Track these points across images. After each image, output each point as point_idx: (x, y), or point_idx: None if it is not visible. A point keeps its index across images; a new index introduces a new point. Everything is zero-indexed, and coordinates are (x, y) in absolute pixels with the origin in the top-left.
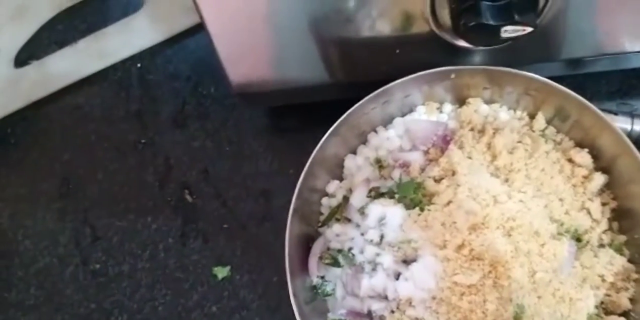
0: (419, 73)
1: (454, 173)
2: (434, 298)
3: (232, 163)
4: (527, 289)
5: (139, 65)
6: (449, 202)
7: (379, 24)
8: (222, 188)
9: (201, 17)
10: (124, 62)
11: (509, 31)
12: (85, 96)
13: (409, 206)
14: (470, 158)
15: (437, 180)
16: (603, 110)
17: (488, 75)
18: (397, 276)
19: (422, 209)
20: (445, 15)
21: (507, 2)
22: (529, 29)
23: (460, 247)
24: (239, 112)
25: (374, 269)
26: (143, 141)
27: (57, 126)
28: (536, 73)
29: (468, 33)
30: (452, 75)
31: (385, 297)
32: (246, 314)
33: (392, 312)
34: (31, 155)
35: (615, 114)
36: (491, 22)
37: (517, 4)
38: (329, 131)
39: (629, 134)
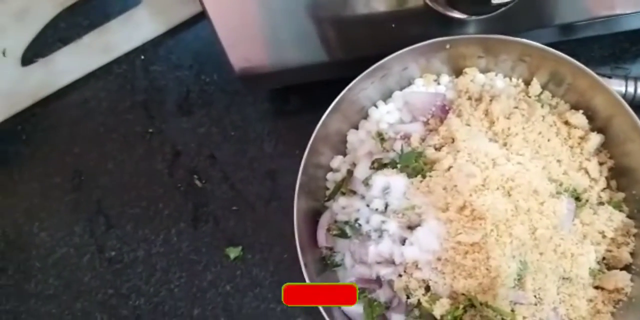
0: (414, 45)
1: (453, 140)
2: (439, 259)
3: (238, 147)
4: (529, 246)
5: (142, 57)
6: (449, 168)
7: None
8: (230, 171)
9: (202, 3)
10: (128, 55)
11: None
12: (91, 90)
13: (411, 175)
14: (468, 125)
15: (438, 148)
16: (597, 73)
17: (482, 44)
18: (403, 242)
19: (424, 176)
20: None
21: None
22: None
23: (462, 208)
24: (241, 97)
25: (380, 236)
26: (150, 130)
27: (65, 121)
28: (531, 39)
29: (460, 2)
30: (447, 46)
31: (393, 262)
32: (259, 291)
33: (400, 276)
34: (42, 150)
35: (610, 77)
36: None
37: None
38: (329, 108)
39: (623, 96)
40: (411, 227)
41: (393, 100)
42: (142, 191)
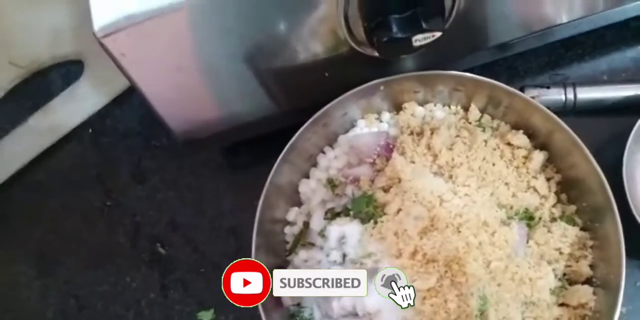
0: (349, 92)
1: (400, 180)
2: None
3: (196, 208)
4: (486, 280)
5: (90, 130)
6: (398, 210)
7: (305, 49)
8: (191, 234)
9: (129, 79)
10: (75, 130)
11: (419, 40)
12: (44, 171)
13: (364, 220)
14: (413, 162)
15: (386, 190)
16: (535, 86)
17: (416, 80)
18: None
19: (376, 222)
20: (362, 33)
21: (412, 12)
22: (438, 34)
23: (413, 253)
24: (192, 157)
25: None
26: (108, 203)
27: (22, 206)
28: (469, 62)
29: (382, 48)
30: (381, 88)
31: (356, 314)
32: None
33: None
34: (3, 238)
35: (548, 87)
36: (400, 35)
37: (422, 12)
38: (277, 161)
39: (564, 104)
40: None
41: (339, 145)
42: (107, 267)
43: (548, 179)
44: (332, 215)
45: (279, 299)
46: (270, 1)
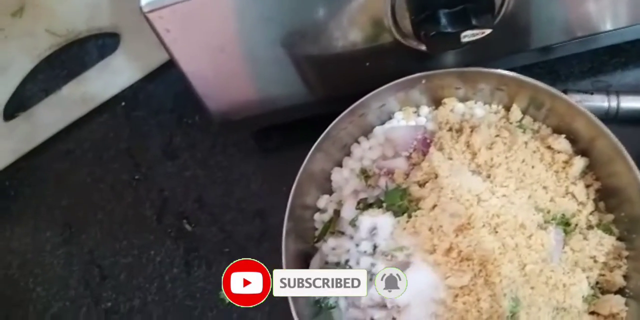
0: (389, 84)
1: (436, 176)
2: (431, 302)
3: (225, 188)
4: (519, 282)
5: (122, 104)
6: (434, 206)
7: (346, 39)
8: (218, 213)
9: (171, 56)
10: (108, 103)
11: (468, 36)
12: (75, 141)
13: (397, 213)
14: (450, 159)
15: (422, 185)
16: (578, 91)
17: (459, 76)
18: None
19: (409, 216)
20: (408, 25)
21: (462, 7)
22: (487, 31)
23: (448, 250)
24: (224, 137)
25: (370, 279)
26: (137, 177)
27: (51, 174)
28: (510, 63)
29: (430, 42)
30: (423, 81)
31: (385, 306)
32: None
33: (394, 319)
34: (31, 205)
35: (591, 93)
36: (449, 30)
37: (472, 8)
38: (312, 148)
39: (607, 111)
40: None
41: (374, 136)
42: (132, 239)
43: (587, 186)
44: (364, 205)
45: None
46: None
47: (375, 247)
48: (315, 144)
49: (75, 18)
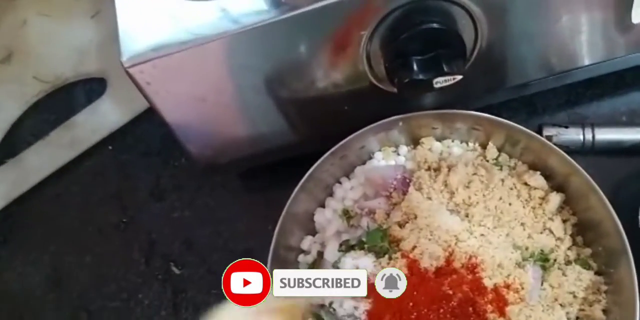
0: (368, 127)
1: (416, 216)
2: None
3: (212, 228)
4: None
5: (110, 147)
6: (414, 248)
7: (325, 83)
8: (206, 254)
9: (153, 106)
10: (96, 147)
11: (440, 82)
12: (63, 185)
13: (378, 254)
14: (429, 198)
15: (402, 225)
16: (554, 124)
17: (435, 117)
18: None
19: (390, 258)
20: (382, 71)
21: (434, 54)
22: (459, 77)
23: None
24: (211, 178)
25: None
26: (124, 220)
27: (41, 218)
28: (487, 100)
29: (403, 88)
30: (400, 123)
31: None
32: None
33: None
34: (21, 250)
35: (567, 127)
36: (421, 77)
37: (444, 54)
38: (295, 189)
39: (583, 144)
40: None
41: (355, 176)
42: (121, 283)
43: (564, 221)
44: (346, 247)
45: None
46: (294, 40)
47: None
48: (298, 185)
49: (63, 64)
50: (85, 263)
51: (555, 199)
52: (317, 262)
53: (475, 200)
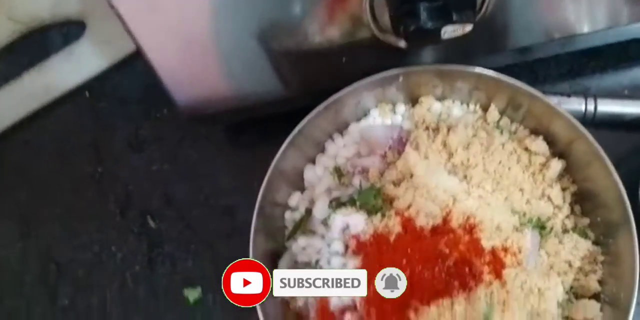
0: (365, 79)
1: (412, 175)
2: None
3: (193, 183)
4: (495, 286)
5: (87, 94)
6: (409, 206)
7: (323, 33)
8: (185, 210)
9: (137, 44)
10: (72, 93)
11: (448, 32)
12: (35, 132)
13: (371, 212)
14: (427, 158)
15: (396, 184)
16: (556, 93)
17: (437, 73)
18: None
19: (383, 215)
20: (386, 21)
21: (443, 2)
22: (468, 27)
23: None
24: (194, 130)
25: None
26: (100, 171)
27: (9, 165)
28: (488, 63)
29: (409, 37)
30: (400, 78)
31: (355, 307)
32: None
33: None
34: None
35: (569, 96)
36: (429, 26)
37: (453, 2)
38: (284, 144)
39: (584, 115)
40: None
41: (349, 134)
42: (93, 235)
43: (563, 189)
44: (337, 204)
45: None
46: None
47: (347, 247)
48: (287, 140)
49: (40, 4)
50: (56, 213)
51: (556, 165)
52: (305, 219)
53: (474, 162)
